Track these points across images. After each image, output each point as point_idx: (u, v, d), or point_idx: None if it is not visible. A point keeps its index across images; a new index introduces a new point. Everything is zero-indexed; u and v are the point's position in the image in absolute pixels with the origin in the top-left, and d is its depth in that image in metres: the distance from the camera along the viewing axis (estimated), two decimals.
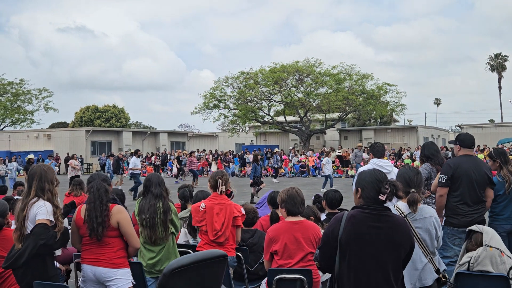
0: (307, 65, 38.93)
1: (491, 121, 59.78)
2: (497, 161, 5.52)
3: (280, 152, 29.08)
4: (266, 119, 41.39)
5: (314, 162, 31.27)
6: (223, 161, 31.11)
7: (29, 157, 21.58)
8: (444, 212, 5.21)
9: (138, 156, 20.99)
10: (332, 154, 22.48)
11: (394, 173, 5.82)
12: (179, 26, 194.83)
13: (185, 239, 5.84)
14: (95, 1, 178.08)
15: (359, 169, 4.12)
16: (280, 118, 44.17)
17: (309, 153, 33.07)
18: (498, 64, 65.69)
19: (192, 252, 4.40)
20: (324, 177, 19.95)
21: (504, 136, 36.62)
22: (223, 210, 4.98)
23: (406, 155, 31.33)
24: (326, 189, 10.54)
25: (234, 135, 43.62)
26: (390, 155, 30.09)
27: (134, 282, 4.21)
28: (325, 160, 20.12)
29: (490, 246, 3.62)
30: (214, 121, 57.91)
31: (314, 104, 39.31)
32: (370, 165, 5.92)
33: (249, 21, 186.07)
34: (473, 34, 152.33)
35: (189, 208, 5.79)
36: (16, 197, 6.60)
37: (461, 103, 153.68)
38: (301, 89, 39.31)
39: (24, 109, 52.40)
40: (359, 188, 3.09)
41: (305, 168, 31.27)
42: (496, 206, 5.44)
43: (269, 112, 41.44)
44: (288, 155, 34.12)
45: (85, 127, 45.87)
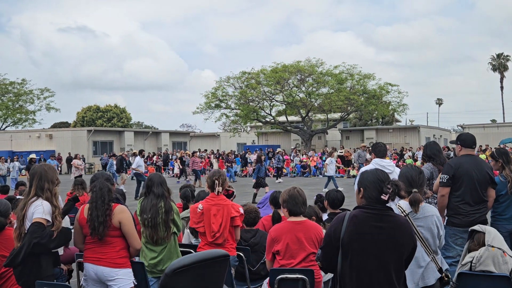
0: (309, 65, 38.93)
1: (493, 121, 59.72)
2: (499, 161, 5.51)
3: (282, 152, 29.05)
4: (268, 119, 41.40)
5: (316, 162, 31.27)
6: (226, 161, 31.09)
7: (31, 157, 21.63)
8: (446, 212, 5.21)
9: (142, 156, 20.99)
10: (335, 154, 22.44)
11: (396, 173, 5.81)
12: (180, 26, 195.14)
13: (190, 241, 5.84)
14: (96, 1, 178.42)
15: (361, 169, 4.11)
16: (282, 118, 44.17)
17: (311, 153, 33.05)
18: (500, 64, 65.57)
19: (194, 252, 4.41)
20: (327, 178, 19.91)
21: (506, 136, 36.56)
22: (221, 211, 4.97)
23: (408, 155, 31.30)
24: (328, 189, 10.53)
25: (236, 135, 43.64)
26: (392, 155, 30.06)
27: (136, 283, 4.21)
28: (328, 160, 20.09)
29: (493, 246, 3.62)
30: (216, 121, 58.11)
31: (316, 104, 39.32)
32: (372, 165, 5.91)
33: (250, 21, 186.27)
34: (474, 34, 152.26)
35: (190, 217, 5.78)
36: (18, 197, 6.61)
37: (463, 103, 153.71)
38: (303, 89, 39.30)
39: (26, 109, 52.55)
40: (361, 188, 3.08)
41: (307, 168, 31.28)
42: (498, 206, 5.43)
43: (271, 112, 41.46)
44: (290, 155, 34.10)
45: (87, 127, 45.90)
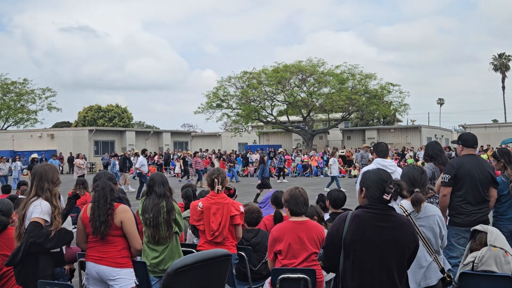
0: (310, 65, 38.93)
1: (495, 121, 59.60)
2: (501, 161, 5.50)
3: (284, 152, 29.04)
4: (269, 119, 41.41)
5: (317, 162, 31.25)
6: (228, 161, 30.95)
7: (33, 157, 21.63)
8: (448, 212, 5.20)
9: (146, 156, 21.06)
10: (337, 154, 22.49)
11: (398, 173, 5.79)
12: (182, 26, 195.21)
13: (192, 241, 5.83)
14: (98, 1, 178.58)
15: (363, 169, 4.11)
16: (283, 118, 44.19)
17: (312, 153, 33.02)
18: (502, 64, 65.48)
19: (196, 252, 4.41)
20: (330, 178, 19.96)
21: (508, 136, 36.50)
22: (220, 210, 4.95)
23: (409, 155, 31.28)
24: (331, 189, 10.52)
25: (237, 135, 43.66)
26: (394, 155, 30.03)
27: (138, 282, 4.21)
28: (331, 161, 20.13)
29: (495, 246, 3.61)
30: (217, 121, 58.15)
31: (317, 104, 39.33)
32: (374, 165, 5.90)
33: (251, 21, 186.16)
34: (476, 34, 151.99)
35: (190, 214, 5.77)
36: (20, 196, 6.62)
37: (465, 103, 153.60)
38: (304, 89, 39.30)
39: (28, 109, 52.61)
40: (364, 188, 3.08)
41: (308, 168, 31.26)
42: (500, 206, 5.42)
43: (272, 112, 41.47)
44: (291, 155, 34.09)
45: (88, 127, 45.93)
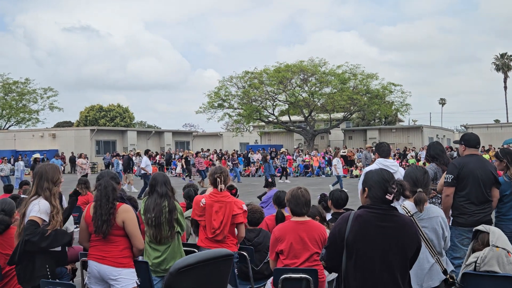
0: (312, 65, 38.94)
1: (497, 121, 59.51)
2: (504, 161, 5.48)
3: (285, 152, 29.02)
4: (271, 119, 41.41)
5: (319, 162, 31.23)
6: (231, 161, 30.85)
7: (35, 156, 21.61)
8: (451, 212, 5.19)
9: (149, 156, 21.15)
10: (339, 154, 22.56)
11: (400, 173, 5.80)
12: (184, 26, 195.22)
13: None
14: (100, 1, 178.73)
15: (365, 169, 4.11)
16: (285, 118, 44.21)
17: (314, 153, 33.01)
18: (504, 64, 65.41)
19: (198, 252, 4.41)
20: (336, 177, 20.13)
21: (510, 136, 36.46)
22: (223, 208, 4.95)
23: (411, 155, 31.26)
24: (333, 188, 10.60)
25: (239, 135, 43.69)
26: (395, 155, 30.01)
27: (139, 283, 4.20)
28: (335, 161, 20.26)
29: (497, 246, 3.60)
30: (219, 121, 58.23)
31: (319, 104, 39.33)
32: (376, 165, 5.89)
33: (253, 21, 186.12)
34: (478, 34, 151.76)
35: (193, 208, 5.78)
36: (22, 196, 6.63)
37: (466, 103, 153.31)
38: (306, 89, 39.31)
39: (29, 109, 52.68)
40: (366, 188, 3.07)
41: (309, 168, 31.24)
42: (503, 207, 5.40)
43: (274, 112, 41.49)
44: (293, 155, 34.08)
45: (90, 127, 45.98)
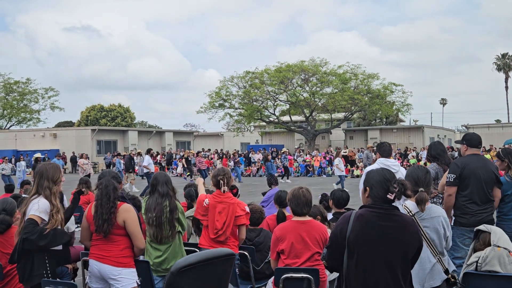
0: (313, 65, 38.93)
1: (498, 121, 59.47)
2: (505, 161, 5.48)
3: (287, 152, 29.02)
4: (272, 119, 41.40)
5: (320, 162, 31.22)
6: (232, 161, 30.82)
7: (36, 156, 21.57)
8: (453, 212, 5.19)
9: (151, 155, 21.16)
10: (341, 154, 22.64)
11: (401, 173, 5.81)
12: (184, 26, 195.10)
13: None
14: (101, 1, 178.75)
15: (367, 168, 4.11)
16: (286, 118, 44.18)
17: (315, 153, 33.01)
18: (505, 64, 65.37)
19: (199, 251, 4.41)
20: (338, 177, 20.22)
21: (511, 136, 36.38)
22: (226, 209, 4.96)
23: (412, 155, 31.24)
24: (338, 187, 10.64)
25: (239, 135, 43.68)
26: (396, 155, 30.00)
27: (139, 282, 4.20)
28: (337, 160, 20.31)
29: (498, 246, 3.59)
30: (220, 121, 58.07)
31: (320, 104, 39.31)
32: (377, 165, 5.89)
33: (254, 21, 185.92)
34: (480, 34, 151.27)
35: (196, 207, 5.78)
36: (24, 195, 6.63)
37: (467, 103, 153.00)
38: (307, 89, 39.30)
39: (31, 108, 52.73)
40: (368, 187, 3.07)
41: (311, 168, 31.23)
42: (504, 206, 5.40)
43: (275, 112, 41.47)
44: (293, 155, 34.06)
45: (91, 126, 46.00)
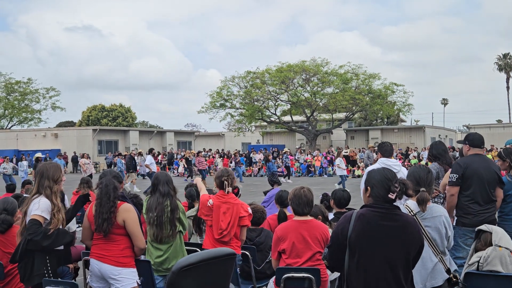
0: (314, 65, 38.89)
1: (499, 121, 59.44)
2: (507, 161, 5.48)
3: (288, 152, 29.01)
4: (273, 119, 41.38)
5: (321, 162, 31.22)
6: (234, 161, 30.77)
7: (37, 156, 21.58)
8: (455, 212, 5.18)
9: (153, 155, 21.18)
10: (342, 154, 22.66)
11: (402, 173, 5.80)
12: (186, 26, 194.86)
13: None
14: (103, 1, 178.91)
15: (368, 168, 4.11)
16: (287, 118, 44.15)
17: (316, 153, 33.00)
18: (506, 64, 65.30)
19: (200, 251, 4.41)
20: (340, 176, 20.23)
21: None
22: (230, 210, 4.97)
23: (413, 155, 31.23)
24: (339, 187, 10.65)
25: (241, 135, 43.69)
26: (397, 155, 29.98)
27: (140, 282, 4.20)
28: (338, 160, 20.33)
29: (500, 246, 3.59)
30: (221, 121, 58.37)
31: (321, 104, 39.29)
32: (379, 164, 5.89)
33: (255, 21, 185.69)
34: (481, 34, 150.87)
35: (197, 207, 5.79)
36: (25, 195, 6.64)
37: (469, 103, 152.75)
38: (308, 89, 39.27)
39: (32, 108, 52.79)
40: (369, 187, 3.07)
41: (312, 168, 31.23)
42: (505, 206, 5.39)
43: (276, 112, 41.45)
44: (295, 155, 34.05)
45: (92, 126, 46.03)
